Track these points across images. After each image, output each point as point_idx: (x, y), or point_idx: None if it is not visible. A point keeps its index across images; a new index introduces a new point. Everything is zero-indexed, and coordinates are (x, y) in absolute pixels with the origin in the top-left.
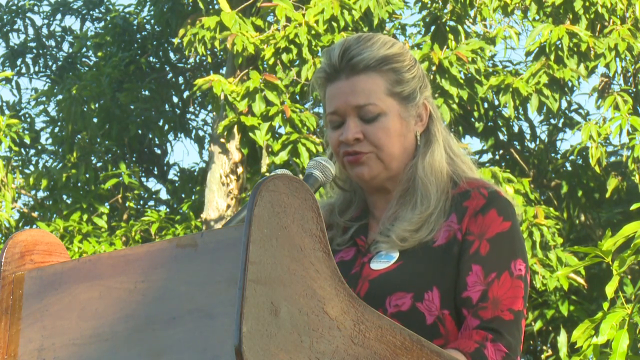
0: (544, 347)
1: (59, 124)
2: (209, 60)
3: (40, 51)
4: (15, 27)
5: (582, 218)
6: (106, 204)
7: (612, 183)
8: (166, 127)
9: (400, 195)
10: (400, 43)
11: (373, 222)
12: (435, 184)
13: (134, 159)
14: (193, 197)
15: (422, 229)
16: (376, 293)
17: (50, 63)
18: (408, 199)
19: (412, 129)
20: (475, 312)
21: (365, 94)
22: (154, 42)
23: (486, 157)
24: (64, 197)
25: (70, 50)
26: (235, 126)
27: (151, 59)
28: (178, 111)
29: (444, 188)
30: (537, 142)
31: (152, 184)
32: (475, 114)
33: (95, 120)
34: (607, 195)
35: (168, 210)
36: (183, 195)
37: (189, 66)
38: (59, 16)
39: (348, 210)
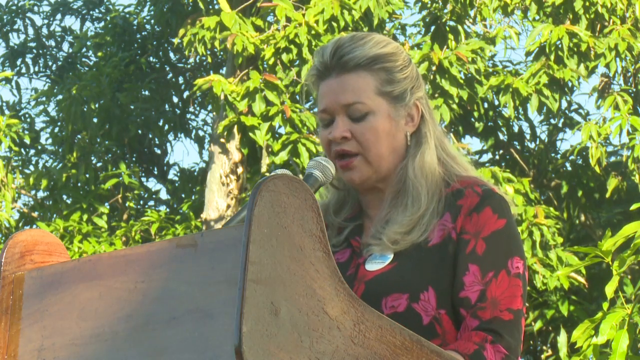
0: (544, 347)
1: (59, 124)
2: (209, 60)
3: (40, 51)
4: (15, 27)
5: (582, 218)
6: (106, 204)
7: (612, 183)
8: (166, 127)
9: (392, 197)
10: (395, 43)
11: (367, 222)
12: (426, 186)
13: (134, 159)
14: (193, 197)
15: (414, 231)
16: (372, 294)
17: (50, 63)
18: (399, 201)
19: (401, 129)
20: (474, 312)
21: (354, 92)
22: (154, 42)
23: (486, 157)
24: (64, 197)
25: (70, 50)
26: (235, 126)
27: (151, 59)
28: (178, 111)
29: (435, 189)
30: (537, 142)
31: (152, 184)
32: (475, 114)
33: (95, 120)
34: (607, 195)
35: (168, 210)
36: (183, 195)
37: (189, 66)
38: (59, 16)
39: (342, 210)
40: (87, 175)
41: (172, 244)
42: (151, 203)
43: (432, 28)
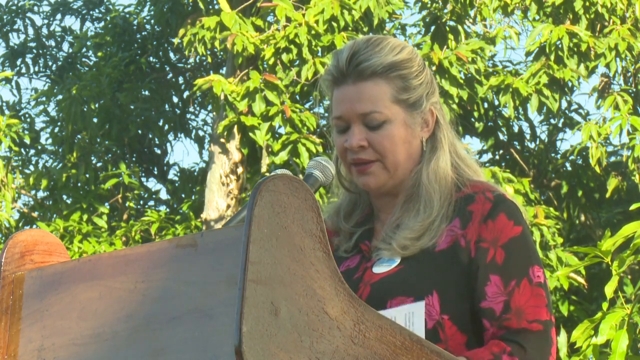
0: None
1: (59, 124)
2: (209, 60)
3: (40, 51)
4: (15, 27)
5: (582, 218)
6: (106, 204)
7: (612, 183)
8: (166, 127)
9: (405, 201)
10: (410, 47)
11: (379, 226)
12: (439, 191)
13: (134, 159)
14: (193, 197)
15: (424, 236)
16: (377, 297)
17: (50, 63)
18: (412, 206)
19: (417, 135)
20: (501, 324)
21: (370, 101)
22: (154, 42)
23: (486, 157)
24: (64, 197)
25: (70, 50)
26: (235, 126)
27: (151, 59)
28: (178, 111)
29: (447, 194)
30: (537, 142)
31: (152, 184)
32: (475, 114)
33: (95, 120)
34: (607, 195)
35: (168, 210)
36: (183, 195)
37: (189, 66)
38: (59, 16)
39: (354, 213)
40: (87, 175)
41: (172, 244)
42: (151, 203)
43: (432, 28)
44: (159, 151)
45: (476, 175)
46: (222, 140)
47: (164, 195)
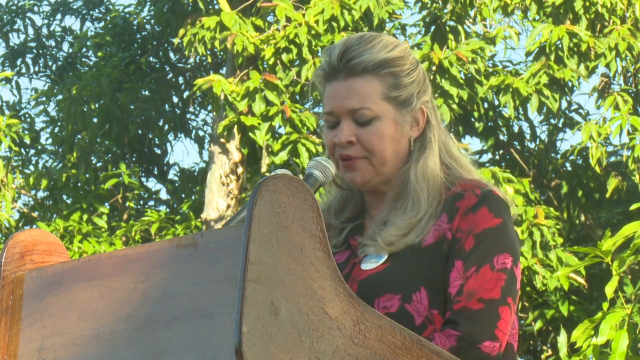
0: (544, 347)
1: (59, 124)
2: (209, 60)
3: (40, 51)
4: (15, 27)
5: (582, 218)
6: (106, 204)
7: (612, 183)
8: (166, 127)
9: (393, 199)
10: (403, 45)
11: (369, 222)
12: (427, 191)
13: (134, 159)
14: (193, 197)
15: (410, 234)
16: (365, 294)
17: (50, 63)
18: (399, 204)
19: (406, 133)
20: (450, 306)
21: (360, 97)
22: (154, 42)
23: (486, 157)
24: (64, 197)
25: (70, 50)
26: (235, 126)
27: (151, 59)
28: (178, 111)
29: (435, 194)
30: (537, 142)
31: (152, 184)
32: (475, 114)
33: (95, 120)
34: (607, 195)
35: (168, 210)
36: (183, 195)
37: (189, 66)
38: (59, 16)
39: (344, 209)
40: (87, 175)
41: (172, 244)
42: (151, 203)
43: (432, 28)
44: (159, 151)
45: (469, 175)
46: (222, 140)
47: (164, 195)
